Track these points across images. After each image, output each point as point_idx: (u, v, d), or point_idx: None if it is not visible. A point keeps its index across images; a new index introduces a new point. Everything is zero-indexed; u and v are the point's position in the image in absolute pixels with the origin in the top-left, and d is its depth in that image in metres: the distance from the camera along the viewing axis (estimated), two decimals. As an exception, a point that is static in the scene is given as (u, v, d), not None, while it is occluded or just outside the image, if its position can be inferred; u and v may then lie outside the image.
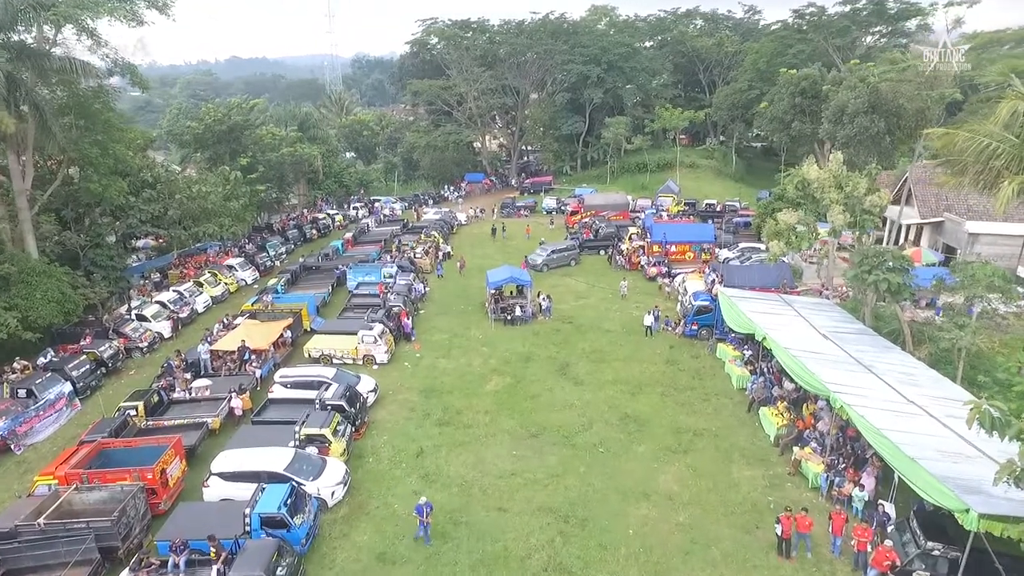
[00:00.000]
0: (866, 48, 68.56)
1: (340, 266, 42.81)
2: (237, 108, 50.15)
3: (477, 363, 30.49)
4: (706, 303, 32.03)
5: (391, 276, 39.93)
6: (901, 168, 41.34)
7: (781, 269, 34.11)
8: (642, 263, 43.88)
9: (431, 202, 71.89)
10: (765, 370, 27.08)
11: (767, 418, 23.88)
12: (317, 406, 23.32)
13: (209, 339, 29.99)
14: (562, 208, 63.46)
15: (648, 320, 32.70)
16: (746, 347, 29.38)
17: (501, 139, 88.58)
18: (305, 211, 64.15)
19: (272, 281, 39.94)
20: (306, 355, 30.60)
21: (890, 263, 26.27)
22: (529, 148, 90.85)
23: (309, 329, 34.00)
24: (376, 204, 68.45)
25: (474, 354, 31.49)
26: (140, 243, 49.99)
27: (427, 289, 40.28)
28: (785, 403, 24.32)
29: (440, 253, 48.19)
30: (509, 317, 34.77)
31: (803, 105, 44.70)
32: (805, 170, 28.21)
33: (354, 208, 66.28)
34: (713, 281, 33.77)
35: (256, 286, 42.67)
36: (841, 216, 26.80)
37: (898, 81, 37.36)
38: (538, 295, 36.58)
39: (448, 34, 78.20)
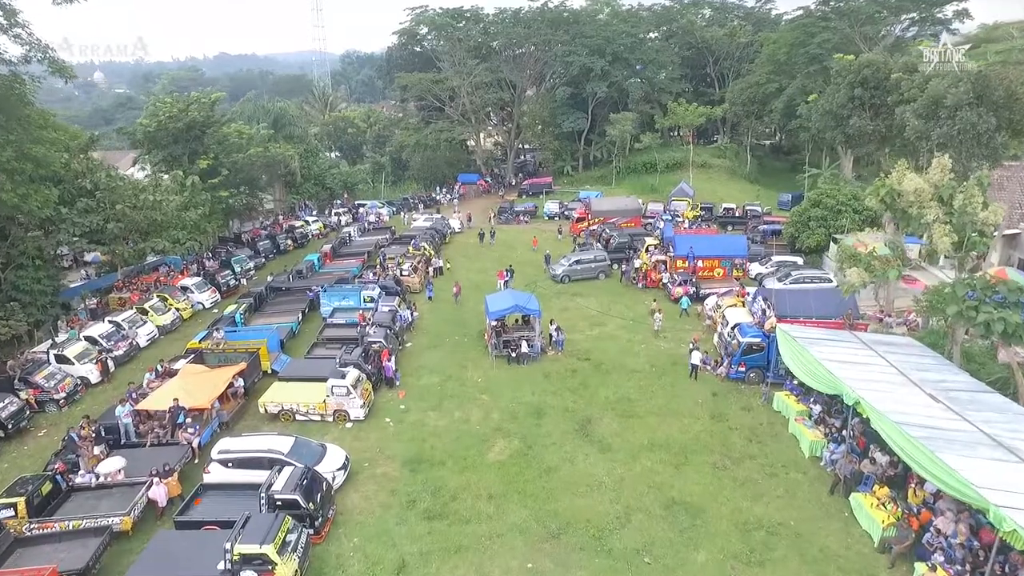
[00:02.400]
0: (895, 38, 62.87)
1: (314, 287, 36.53)
2: (197, 103, 43.73)
3: (476, 418, 24.46)
4: (756, 339, 26.09)
5: (373, 300, 33.83)
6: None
7: (842, 295, 28.23)
8: (664, 281, 37.98)
9: (421, 206, 65.66)
10: (846, 433, 21.19)
11: (863, 509, 18.00)
12: (262, 503, 17.23)
13: (133, 395, 23.70)
14: (566, 213, 57.56)
15: (696, 358, 26.80)
16: (812, 399, 23.51)
17: (497, 137, 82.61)
18: (280, 218, 57.69)
19: (230, 308, 33.57)
20: (262, 410, 24.44)
21: (1002, 295, 20.61)
22: (526, 147, 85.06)
23: (270, 371, 27.90)
24: (361, 209, 62.10)
25: (472, 405, 25.44)
26: (90, 257, 43.81)
27: (415, 315, 34.16)
28: (885, 488, 18.45)
29: (431, 269, 42.02)
30: (514, 354, 28.76)
31: (864, 98, 38.59)
32: (895, 179, 22.29)
33: (336, 214, 59.85)
34: (763, 312, 27.80)
35: (216, 311, 36.47)
36: (947, 237, 20.92)
37: (1008, 64, 31.35)
38: (550, 323, 30.60)
39: (439, 23, 72.31)
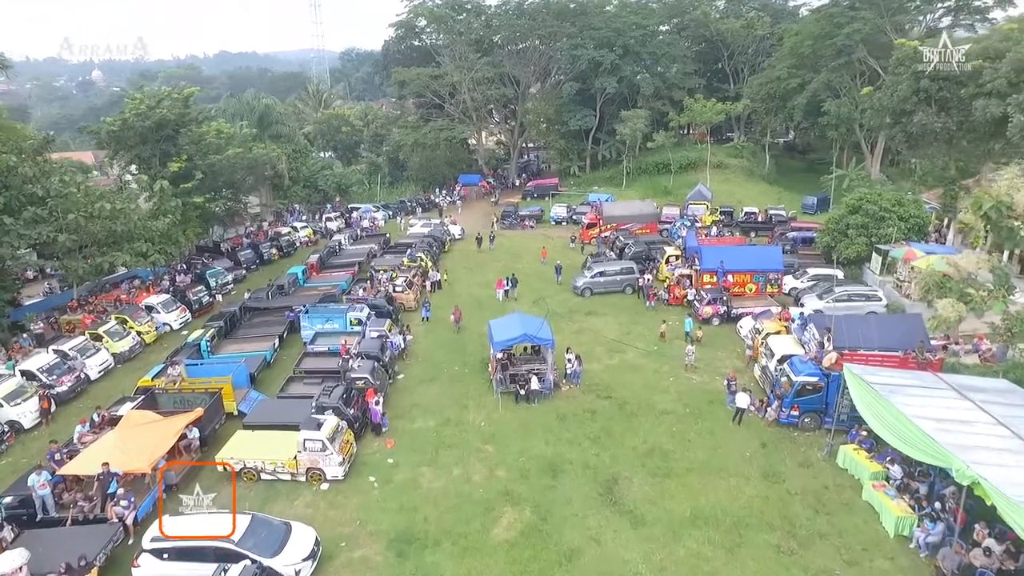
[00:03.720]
0: (926, 28, 58.36)
1: (295, 306, 32.28)
2: (169, 99, 39.44)
3: (479, 477, 20.26)
4: (813, 379, 21.85)
5: (361, 322, 29.63)
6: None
7: (911, 322, 23.97)
8: (690, 298, 33.72)
9: (419, 210, 61.34)
10: (941, 507, 16.95)
11: (985, 624, 13.81)
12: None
13: (55, 456, 19.46)
14: (575, 218, 53.27)
15: (743, 400, 22.57)
16: (888, 457, 19.23)
17: (499, 135, 78.39)
18: (265, 225, 53.39)
19: (195, 334, 29.34)
20: (220, 468, 20.27)
21: None
22: (530, 146, 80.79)
23: (236, 411, 23.75)
24: (354, 214, 57.80)
25: (474, 459, 21.24)
26: (52, 269, 39.68)
27: (409, 340, 29.92)
28: (1012, 594, 14.23)
29: (428, 283, 37.75)
30: (522, 391, 24.53)
31: (931, 90, 33.91)
32: (1004, 188, 18.05)
33: (327, 219, 55.52)
34: (821, 345, 23.52)
35: (185, 332, 32.24)
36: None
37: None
38: (566, 351, 26.35)
39: (438, 15, 68.10)
